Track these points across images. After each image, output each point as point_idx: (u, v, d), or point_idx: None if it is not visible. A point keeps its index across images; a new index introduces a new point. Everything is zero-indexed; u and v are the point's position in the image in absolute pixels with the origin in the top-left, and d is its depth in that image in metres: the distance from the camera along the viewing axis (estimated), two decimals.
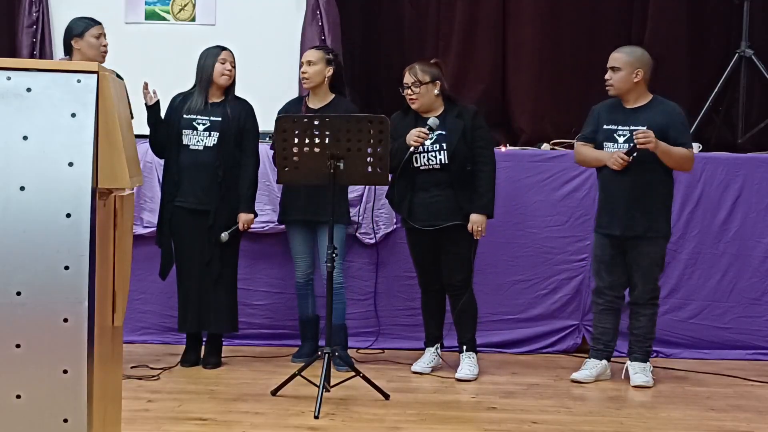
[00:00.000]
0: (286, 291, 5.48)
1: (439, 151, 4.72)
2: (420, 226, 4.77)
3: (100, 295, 2.29)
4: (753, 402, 4.48)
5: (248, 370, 4.92)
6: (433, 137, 4.72)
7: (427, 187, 4.74)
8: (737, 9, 6.06)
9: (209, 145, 4.82)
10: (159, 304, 5.45)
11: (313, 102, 4.96)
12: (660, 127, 4.57)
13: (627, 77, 4.64)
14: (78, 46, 4.77)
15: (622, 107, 4.72)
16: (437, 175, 4.74)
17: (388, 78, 6.55)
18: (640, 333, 4.74)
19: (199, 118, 4.83)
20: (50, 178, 2.21)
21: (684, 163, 4.66)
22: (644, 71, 4.65)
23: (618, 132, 4.68)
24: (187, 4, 6.17)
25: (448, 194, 4.72)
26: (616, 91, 4.70)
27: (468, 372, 4.77)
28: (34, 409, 2.21)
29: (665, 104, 4.71)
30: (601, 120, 4.77)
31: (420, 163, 4.75)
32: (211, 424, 3.91)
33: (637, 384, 4.66)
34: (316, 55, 4.94)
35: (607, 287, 4.79)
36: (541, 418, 4.09)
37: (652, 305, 4.74)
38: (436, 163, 4.73)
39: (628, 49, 4.78)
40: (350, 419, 4.00)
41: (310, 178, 4.44)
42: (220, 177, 4.82)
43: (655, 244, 4.68)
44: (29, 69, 2.26)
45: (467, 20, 6.35)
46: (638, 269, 4.70)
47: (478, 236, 4.73)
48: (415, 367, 4.94)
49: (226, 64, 4.86)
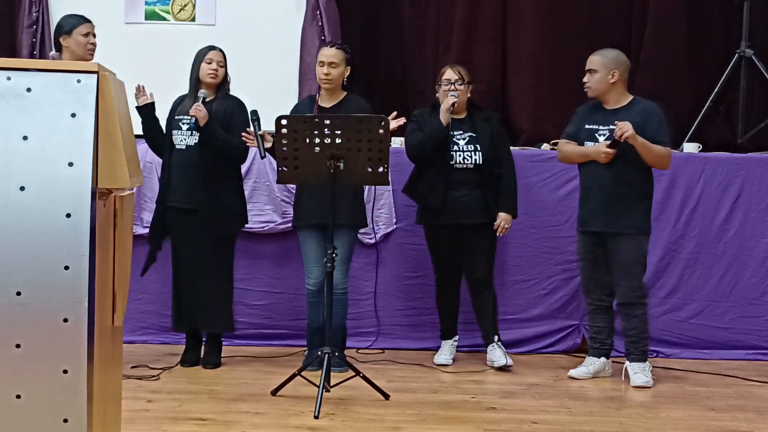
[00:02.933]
0: (285, 291, 5.49)
1: (474, 152, 4.95)
2: (449, 222, 4.95)
3: (100, 295, 2.29)
4: (753, 402, 4.48)
5: (248, 370, 4.92)
6: (466, 138, 4.93)
7: (458, 186, 4.95)
8: (737, 9, 6.06)
9: (191, 144, 4.83)
10: (158, 304, 5.45)
11: (325, 101, 4.89)
12: (637, 125, 4.62)
13: (603, 79, 4.74)
14: (66, 44, 4.77)
15: (603, 108, 4.81)
16: (470, 175, 4.96)
17: (388, 78, 6.56)
18: (634, 333, 4.74)
19: (185, 118, 4.85)
20: (50, 178, 2.21)
21: (661, 159, 4.70)
22: (620, 72, 4.75)
23: (599, 132, 4.75)
24: (187, 4, 6.17)
25: (477, 194, 4.96)
26: (593, 93, 4.81)
27: (508, 360, 4.98)
28: (34, 409, 2.21)
29: (644, 104, 4.78)
30: (582, 120, 4.86)
31: (455, 161, 4.93)
32: (211, 424, 3.91)
33: (637, 384, 4.66)
34: (339, 56, 4.83)
35: (594, 286, 4.84)
36: (541, 418, 4.09)
37: (641, 305, 4.75)
38: (471, 162, 4.95)
39: (604, 51, 4.84)
40: (350, 419, 4.00)
41: (310, 178, 4.44)
42: (204, 174, 4.81)
43: (635, 241, 4.70)
44: (29, 69, 2.26)
45: (467, 20, 6.34)
46: (619, 267, 4.72)
47: (501, 233, 5.00)
48: (438, 359, 5.11)
49: (212, 63, 4.86)
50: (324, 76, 4.81)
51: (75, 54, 4.74)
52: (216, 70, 4.86)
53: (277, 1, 6.21)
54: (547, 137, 5.91)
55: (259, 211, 5.39)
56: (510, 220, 5.00)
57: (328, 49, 4.87)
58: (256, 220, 5.33)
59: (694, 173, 5.40)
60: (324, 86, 4.85)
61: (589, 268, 4.84)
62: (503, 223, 4.97)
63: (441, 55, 6.42)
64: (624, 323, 4.78)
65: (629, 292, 4.72)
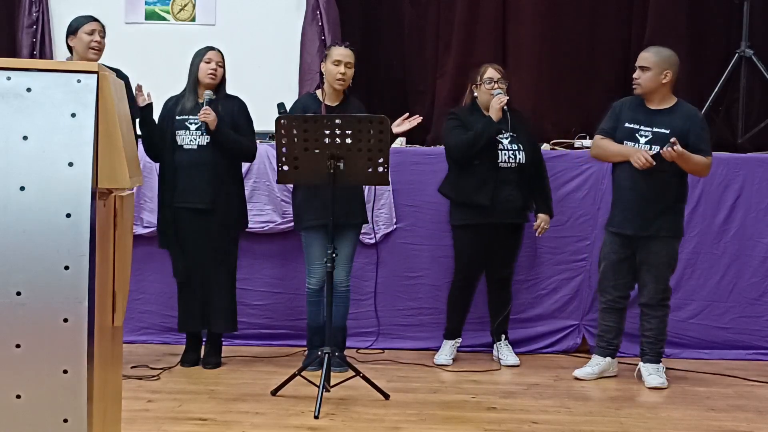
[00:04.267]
0: (285, 291, 5.49)
1: (518, 151, 5.00)
2: (496, 221, 4.99)
3: (100, 295, 2.29)
4: (753, 402, 4.48)
5: (248, 370, 4.92)
6: (508, 137, 4.99)
7: (503, 185, 4.97)
8: (737, 9, 6.06)
9: (203, 144, 4.83)
10: (159, 304, 5.45)
11: (332, 99, 4.89)
12: (681, 131, 4.57)
13: (655, 77, 4.64)
14: (73, 44, 4.76)
15: (645, 107, 4.70)
16: (514, 174, 5.00)
17: (388, 78, 6.56)
18: (652, 335, 4.73)
19: (191, 118, 4.84)
20: (50, 178, 2.21)
21: (701, 169, 4.67)
22: (672, 72, 4.65)
23: (640, 132, 4.66)
24: (187, 4, 6.17)
25: (518, 194, 5.01)
26: (642, 90, 4.69)
27: (516, 359, 5.11)
28: (34, 409, 2.21)
29: (687, 108, 4.70)
30: (622, 117, 4.74)
31: (501, 160, 4.96)
32: (211, 424, 3.91)
33: (653, 386, 4.65)
34: (353, 57, 4.86)
35: (612, 287, 4.79)
36: (541, 418, 4.09)
37: (663, 306, 4.74)
38: (515, 162, 4.99)
39: (658, 49, 4.74)
40: (350, 419, 4.00)
41: (310, 178, 4.44)
42: (217, 174, 4.82)
43: (667, 244, 4.68)
44: (29, 69, 2.26)
45: (467, 20, 6.34)
46: (649, 269, 4.69)
47: (541, 234, 5.15)
48: (438, 359, 5.11)
49: (211, 63, 4.85)
50: (340, 75, 4.81)
51: (79, 53, 4.73)
52: (215, 70, 4.85)
53: (277, 1, 6.21)
54: (547, 137, 5.91)
55: (259, 211, 5.39)
56: (549, 221, 5.14)
57: (344, 50, 4.86)
58: (256, 220, 5.33)
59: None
60: (338, 86, 4.84)
61: (611, 269, 4.77)
62: (543, 224, 5.11)
63: (441, 55, 6.42)
64: (643, 323, 4.76)
65: (655, 294, 4.70)
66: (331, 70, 4.83)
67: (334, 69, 4.81)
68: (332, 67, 4.82)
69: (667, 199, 4.65)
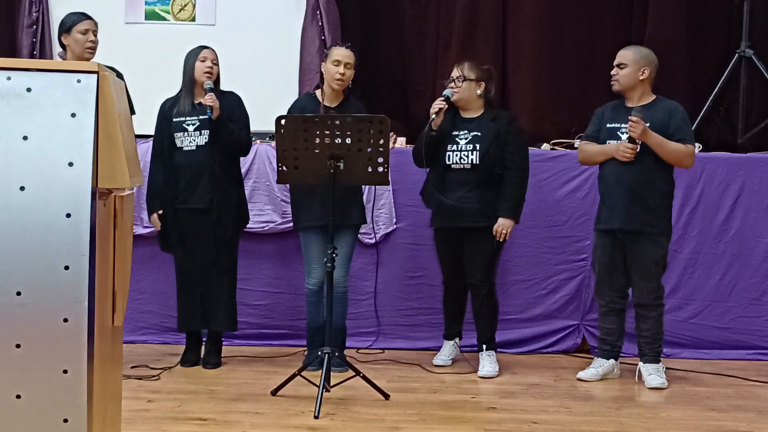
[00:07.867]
0: (285, 291, 5.49)
1: (472, 152, 4.83)
2: (446, 225, 4.89)
3: (100, 295, 2.29)
4: (753, 402, 4.48)
5: (248, 370, 4.92)
6: (469, 137, 4.83)
7: (455, 187, 4.83)
8: (737, 9, 6.07)
9: (201, 144, 4.83)
10: (159, 304, 5.46)
11: (331, 100, 4.89)
12: (661, 123, 4.61)
13: (633, 74, 4.69)
14: (66, 42, 4.75)
15: (625, 107, 4.74)
16: (467, 175, 4.83)
17: (388, 78, 6.56)
18: (649, 335, 4.73)
19: (189, 119, 4.84)
20: (50, 178, 2.21)
21: (681, 158, 4.66)
22: (650, 70, 4.70)
23: (621, 129, 4.70)
24: (187, 4, 6.17)
25: (474, 195, 4.81)
26: (620, 87, 4.74)
27: (490, 370, 4.87)
28: (34, 409, 2.21)
29: (667, 102, 4.74)
30: (604, 119, 4.81)
31: (452, 161, 4.84)
32: (211, 424, 3.91)
33: (653, 386, 4.65)
34: (353, 57, 4.85)
35: (608, 288, 4.80)
36: (541, 418, 4.09)
37: (657, 306, 4.73)
38: (467, 162, 4.83)
39: (636, 47, 4.82)
40: (350, 419, 4.00)
41: (310, 178, 4.44)
42: (216, 173, 4.82)
43: (655, 243, 4.68)
44: (29, 69, 2.25)
45: (467, 20, 6.35)
46: (639, 269, 4.70)
47: (500, 239, 4.82)
48: (436, 360, 5.08)
49: (207, 61, 4.85)
50: (340, 76, 4.80)
51: (74, 52, 4.72)
52: (211, 68, 4.85)
53: (277, 1, 6.21)
54: (547, 137, 5.91)
55: (259, 211, 5.39)
56: (509, 225, 4.80)
57: (345, 50, 4.86)
58: (256, 220, 5.33)
59: (694, 173, 5.38)
60: (336, 86, 4.83)
61: (605, 270, 4.78)
62: (500, 228, 4.78)
63: (441, 55, 6.42)
64: (639, 323, 4.76)
65: (647, 294, 4.70)
66: (331, 70, 4.82)
67: (334, 69, 4.81)
68: (332, 67, 4.82)
69: (652, 194, 4.66)
